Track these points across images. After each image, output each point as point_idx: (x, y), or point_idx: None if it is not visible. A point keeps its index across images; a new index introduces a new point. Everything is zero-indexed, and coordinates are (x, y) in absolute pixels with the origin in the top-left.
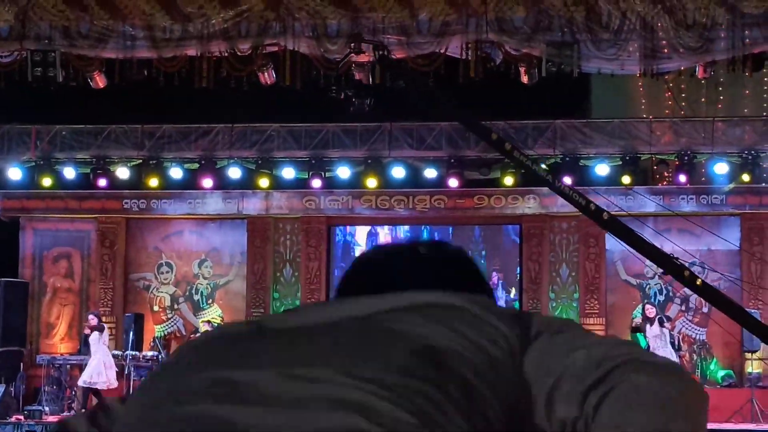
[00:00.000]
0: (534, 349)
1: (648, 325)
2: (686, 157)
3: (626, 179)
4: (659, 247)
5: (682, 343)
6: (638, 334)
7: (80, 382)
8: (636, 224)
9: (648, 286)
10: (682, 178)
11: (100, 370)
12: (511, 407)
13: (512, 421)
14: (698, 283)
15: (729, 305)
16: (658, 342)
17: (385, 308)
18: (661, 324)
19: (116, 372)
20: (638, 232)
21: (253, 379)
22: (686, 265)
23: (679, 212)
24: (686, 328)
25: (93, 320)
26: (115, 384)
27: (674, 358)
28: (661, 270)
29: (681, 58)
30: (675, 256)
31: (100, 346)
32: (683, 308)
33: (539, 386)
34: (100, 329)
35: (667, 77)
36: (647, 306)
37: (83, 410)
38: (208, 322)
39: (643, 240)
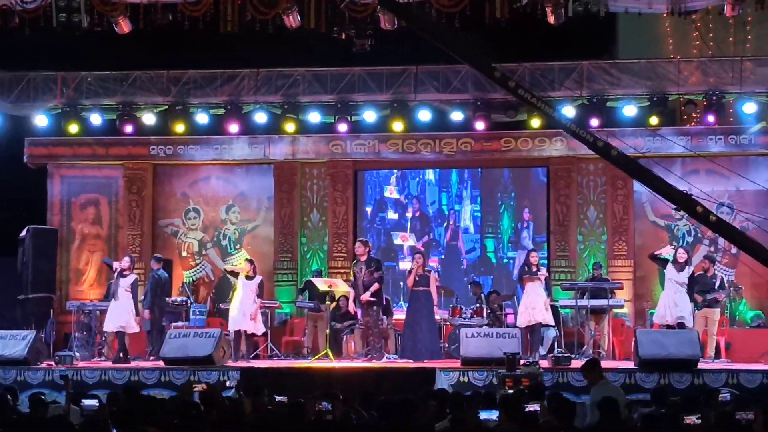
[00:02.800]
0: None
1: (676, 270)
2: (714, 97)
3: (654, 120)
4: (685, 190)
5: (725, 284)
6: (661, 263)
7: (112, 327)
8: (663, 165)
9: (676, 228)
10: (710, 118)
11: (125, 313)
12: None
13: None
14: (712, 218)
15: (745, 240)
16: (675, 287)
17: None
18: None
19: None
20: (664, 172)
21: None
22: (699, 200)
23: (707, 153)
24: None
25: (126, 262)
26: (137, 329)
27: (689, 305)
28: (673, 206)
29: None
30: (688, 191)
31: (125, 292)
32: (712, 249)
33: None
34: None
35: (694, 16)
36: (680, 250)
37: (120, 355)
38: (249, 260)
39: (652, 175)
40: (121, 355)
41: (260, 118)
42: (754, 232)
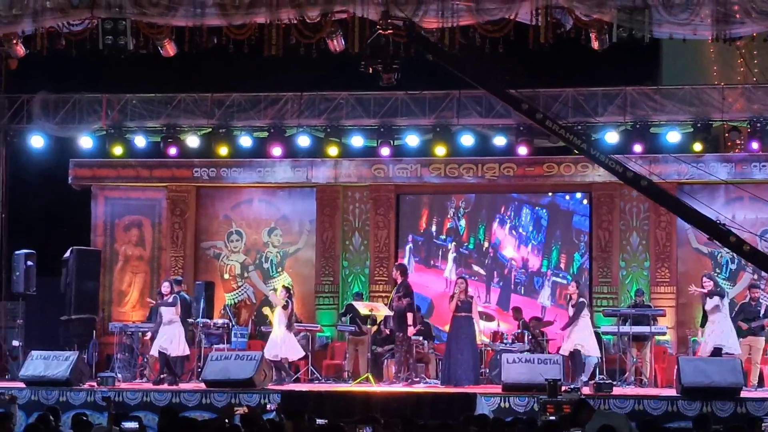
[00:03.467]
0: None
1: (707, 298)
2: (759, 124)
3: (697, 147)
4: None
5: None
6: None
7: (155, 349)
8: (707, 192)
9: (720, 255)
10: (755, 145)
11: (173, 337)
12: None
13: None
14: (746, 248)
15: None
16: (716, 315)
17: None
18: (722, 296)
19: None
20: (708, 199)
21: None
22: (732, 230)
23: (751, 180)
24: (760, 297)
25: (167, 288)
26: (187, 351)
27: (733, 331)
28: (705, 235)
29: (754, 23)
30: (719, 221)
31: (173, 315)
32: (755, 277)
33: None
34: (176, 300)
35: (739, 42)
36: (704, 279)
37: (162, 376)
38: (287, 288)
39: (684, 204)
40: (163, 376)
41: (303, 141)
42: None
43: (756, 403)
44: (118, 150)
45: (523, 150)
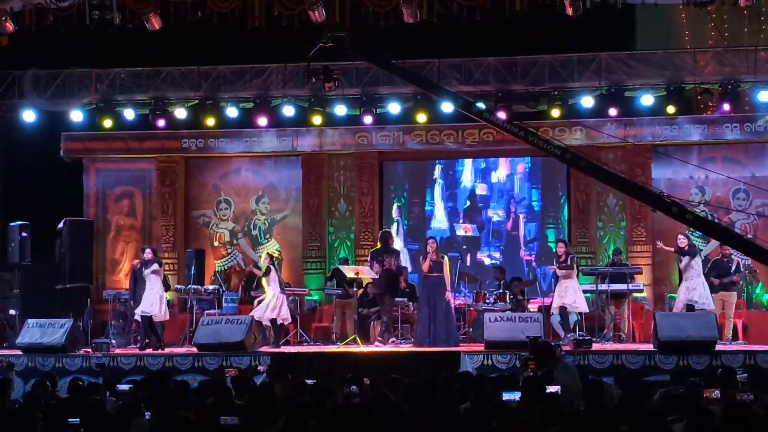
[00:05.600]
0: None
1: (679, 256)
2: (729, 87)
3: (671, 109)
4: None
5: (740, 267)
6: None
7: (137, 314)
8: (681, 152)
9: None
10: (726, 106)
11: (153, 300)
12: None
13: None
14: (688, 217)
15: (727, 233)
16: (688, 272)
17: None
18: (692, 255)
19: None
20: (684, 160)
21: None
22: (675, 200)
23: (723, 140)
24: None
25: (149, 254)
26: (167, 317)
27: (705, 287)
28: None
29: None
30: (661, 191)
31: (155, 280)
32: None
33: None
34: (159, 263)
35: (709, 7)
36: (679, 237)
37: (146, 341)
38: (269, 255)
39: (620, 177)
40: (148, 341)
41: (288, 111)
42: None
43: (731, 356)
44: (108, 123)
45: (502, 115)
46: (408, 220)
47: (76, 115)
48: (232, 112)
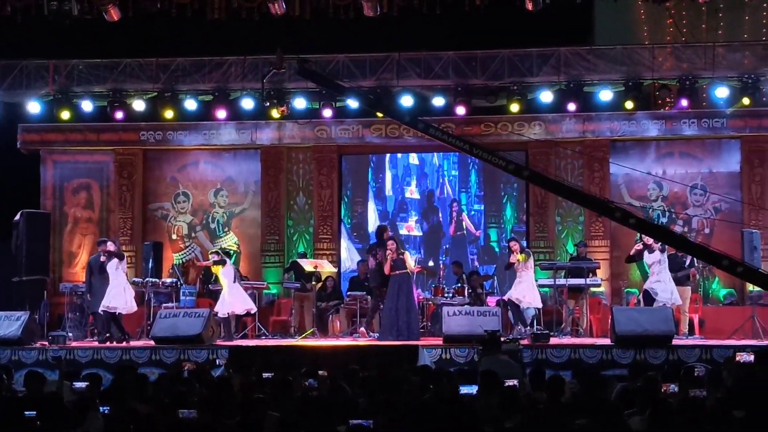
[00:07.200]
0: None
1: (647, 252)
2: (687, 82)
3: (629, 105)
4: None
5: (695, 261)
6: (636, 263)
7: (101, 308)
8: (639, 148)
9: (651, 209)
10: (684, 102)
11: (118, 294)
12: None
13: None
14: (631, 221)
15: (669, 235)
16: (657, 267)
17: None
18: (662, 251)
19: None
20: (639, 155)
21: None
22: (619, 206)
23: (680, 136)
24: None
25: (111, 246)
26: (134, 308)
27: (671, 283)
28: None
29: None
30: (606, 198)
31: (119, 273)
32: (686, 230)
33: None
34: (120, 257)
35: (668, 3)
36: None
37: (107, 335)
38: (221, 250)
39: (568, 187)
40: (108, 335)
41: (247, 104)
42: (727, 213)
43: (687, 351)
44: (65, 115)
45: (461, 110)
46: (351, 218)
47: (34, 107)
48: (190, 104)
